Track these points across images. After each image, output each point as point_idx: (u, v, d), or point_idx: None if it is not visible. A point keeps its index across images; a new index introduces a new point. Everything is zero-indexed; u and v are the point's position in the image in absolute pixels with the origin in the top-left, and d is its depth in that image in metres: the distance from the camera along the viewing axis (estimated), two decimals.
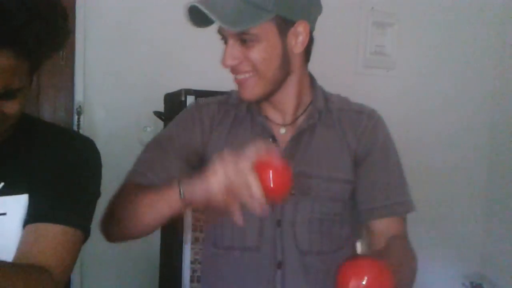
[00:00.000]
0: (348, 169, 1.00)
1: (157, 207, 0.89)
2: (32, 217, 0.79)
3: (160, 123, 1.81)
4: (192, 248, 1.44)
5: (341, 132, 1.02)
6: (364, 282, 0.69)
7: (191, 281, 1.51)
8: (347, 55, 2.16)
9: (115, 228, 0.94)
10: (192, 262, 1.46)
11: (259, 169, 0.78)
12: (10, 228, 0.79)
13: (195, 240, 1.45)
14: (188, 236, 1.45)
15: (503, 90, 2.26)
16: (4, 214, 0.79)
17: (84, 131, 1.85)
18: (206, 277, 1.10)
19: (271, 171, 0.78)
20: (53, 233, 0.77)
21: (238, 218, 0.80)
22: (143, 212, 0.90)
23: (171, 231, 1.55)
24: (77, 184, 0.83)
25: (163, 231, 1.72)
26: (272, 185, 0.78)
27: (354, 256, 0.74)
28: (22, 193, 0.80)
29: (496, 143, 2.29)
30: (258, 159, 0.79)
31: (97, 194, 0.88)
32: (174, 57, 1.91)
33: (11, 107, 0.75)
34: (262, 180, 0.77)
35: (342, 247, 1.02)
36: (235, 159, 0.78)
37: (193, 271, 1.51)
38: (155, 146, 1.02)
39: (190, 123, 1.03)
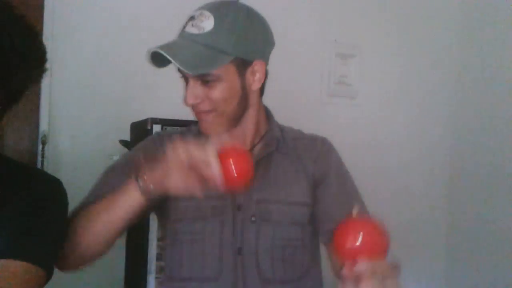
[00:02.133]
0: (306, 193, 1.03)
1: (115, 207, 0.89)
2: None
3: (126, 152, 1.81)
4: (156, 278, 1.43)
5: (296, 158, 1.06)
6: (360, 238, 0.72)
7: None
8: (313, 85, 2.23)
9: (72, 253, 0.91)
10: None
11: (221, 155, 0.81)
12: None
13: (160, 270, 1.44)
14: (152, 266, 1.44)
15: (461, 118, 2.36)
16: None
17: (49, 160, 1.83)
18: None
19: (232, 158, 0.82)
20: (15, 269, 0.75)
21: (198, 192, 0.82)
22: (101, 219, 0.89)
23: (135, 261, 1.53)
24: (42, 223, 0.82)
25: (127, 261, 1.70)
26: (234, 171, 0.81)
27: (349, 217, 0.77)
28: None
29: (456, 167, 2.36)
30: (221, 147, 0.82)
31: (62, 236, 0.87)
32: (140, 86, 1.93)
33: None
34: (224, 165, 0.80)
35: (305, 275, 1.03)
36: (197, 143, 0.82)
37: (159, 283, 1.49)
38: (109, 171, 1.03)
39: (151, 151, 1.04)
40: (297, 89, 2.13)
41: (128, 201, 0.88)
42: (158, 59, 0.93)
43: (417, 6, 2.35)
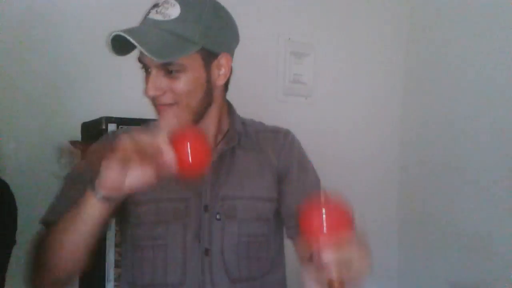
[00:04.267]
0: (271, 187, 1.02)
1: (78, 222, 0.83)
2: None
3: (77, 154, 1.72)
4: (115, 286, 1.36)
5: (260, 152, 1.04)
6: (323, 218, 0.72)
7: None
8: (268, 84, 2.22)
9: (47, 276, 0.87)
10: None
11: (174, 139, 0.77)
12: None
13: (118, 277, 1.37)
14: (110, 273, 1.37)
15: (410, 113, 2.44)
16: None
17: None
18: None
19: (188, 143, 0.78)
20: None
21: (153, 179, 0.77)
22: (68, 238, 0.84)
23: (92, 267, 1.46)
24: None
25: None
26: (189, 155, 0.77)
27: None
28: None
29: (406, 162, 2.44)
30: (173, 132, 0.78)
31: (11, 240, 0.81)
32: (89, 83, 1.83)
33: None
34: (178, 150, 0.76)
35: (271, 271, 1.02)
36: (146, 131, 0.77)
37: None
38: (70, 183, 0.97)
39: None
40: (253, 88, 2.11)
41: (90, 213, 0.81)
42: (118, 45, 0.87)
43: (368, 5, 2.41)
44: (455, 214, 2.14)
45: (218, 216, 0.96)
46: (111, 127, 1.45)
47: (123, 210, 0.97)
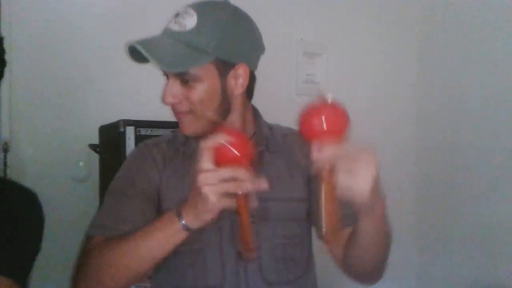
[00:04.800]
0: (301, 188, 1.02)
1: (154, 244, 0.86)
2: None
3: (95, 157, 1.74)
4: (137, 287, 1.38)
5: (288, 155, 1.04)
6: (323, 120, 0.79)
7: None
8: (281, 84, 2.22)
9: (94, 286, 0.89)
10: None
11: (220, 150, 0.80)
12: None
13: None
14: None
15: (425, 114, 2.43)
16: None
17: (12, 169, 1.73)
18: None
19: (227, 145, 0.80)
20: None
21: (253, 204, 0.82)
22: (137, 256, 0.86)
23: None
24: (16, 236, 0.79)
25: None
26: (238, 154, 0.80)
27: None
28: None
29: (422, 156, 2.43)
30: (213, 148, 0.80)
31: (37, 249, 0.84)
32: (107, 87, 1.86)
33: None
34: (228, 156, 0.79)
35: (306, 272, 1.03)
36: (203, 172, 0.79)
37: None
38: (116, 196, 0.99)
39: (144, 163, 1.01)
40: (265, 89, 2.10)
41: (170, 237, 0.85)
42: (138, 54, 0.90)
43: (380, 4, 2.41)
44: (476, 210, 2.12)
45: (251, 219, 0.97)
46: (129, 130, 1.47)
47: (158, 216, 0.99)
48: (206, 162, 0.79)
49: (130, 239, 0.88)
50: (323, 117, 0.80)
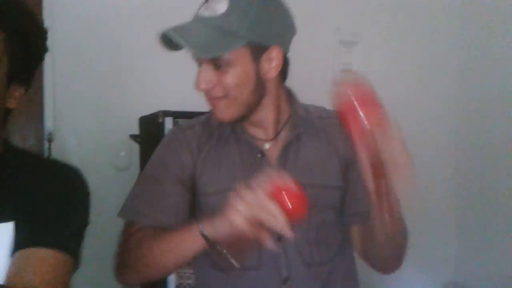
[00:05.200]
0: (338, 176, 1.02)
1: (179, 252, 0.90)
2: (20, 243, 0.76)
3: (135, 147, 1.79)
4: (177, 273, 1.42)
5: (326, 140, 1.04)
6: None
7: None
8: (317, 74, 2.21)
9: (134, 276, 0.96)
10: (177, 287, 1.43)
11: (275, 193, 0.79)
12: None
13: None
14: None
15: (466, 99, 2.36)
16: None
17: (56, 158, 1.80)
18: None
19: (285, 193, 0.79)
20: (43, 257, 0.75)
21: (270, 244, 0.80)
22: (164, 258, 0.91)
23: None
24: (65, 211, 0.82)
25: None
26: (290, 207, 0.79)
27: None
28: (8, 221, 0.77)
29: (462, 151, 2.37)
30: (271, 185, 0.79)
31: (85, 223, 0.86)
32: (147, 78, 1.90)
33: None
34: (280, 204, 0.78)
35: (339, 254, 1.04)
36: (249, 191, 0.79)
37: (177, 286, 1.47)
38: (149, 180, 1.01)
39: (178, 147, 1.02)
40: (301, 79, 2.10)
41: (193, 246, 0.88)
42: (171, 41, 0.91)
43: None
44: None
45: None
46: (168, 120, 1.50)
47: (194, 201, 1.01)
48: (260, 190, 0.79)
49: (163, 241, 0.91)
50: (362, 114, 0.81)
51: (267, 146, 1.02)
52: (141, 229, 0.96)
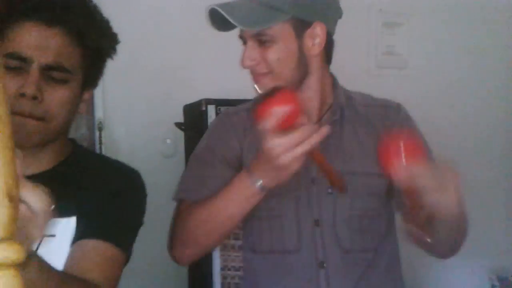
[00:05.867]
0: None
1: (233, 205, 0.92)
2: (80, 236, 0.81)
3: (180, 134, 1.84)
4: (221, 255, 1.46)
5: (370, 127, 1.04)
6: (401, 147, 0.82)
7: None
8: (359, 57, 2.18)
9: (190, 250, 0.99)
10: (222, 269, 1.47)
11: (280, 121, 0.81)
12: (58, 250, 0.81)
13: (224, 247, 1.46)
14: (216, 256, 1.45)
15: None
16: (53, 235, 0.81)
17: (106, 146, 1.88)
18: (247, 282, 1.12)
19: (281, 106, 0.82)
20: (100, 249, 0.80)
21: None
22: (220, 218, 0.93)
23: None
24: (123, 210, 0.87)
25: None
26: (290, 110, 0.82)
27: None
28: (71, 216, 0.83)
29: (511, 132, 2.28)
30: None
31: (140, 222, 0.92)
32: (190, 67, 1.94)
33: (55, 95, 0.79)
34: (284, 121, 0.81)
35: (382, 243, 1.04)
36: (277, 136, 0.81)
37: (223, 277, 1.52)
38: (198, 163, 1.06)
39: (224, 132, 1.06)
40: (343, 62, 2.07)
41: (247, 199, 0.90)
42: (217, 21, 0.94)
43: None
44: None
45: (329, 191, 0.99)
46: (210, 108, 1.54)
47: None
48: (271, 133, 0.81)
49: (212, 203, 0.94)
50: (401, 145, 0.82)
51: None
52: (191, 204, 1.00)
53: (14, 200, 0.36)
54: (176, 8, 1.92)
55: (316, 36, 0.96)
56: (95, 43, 0.84)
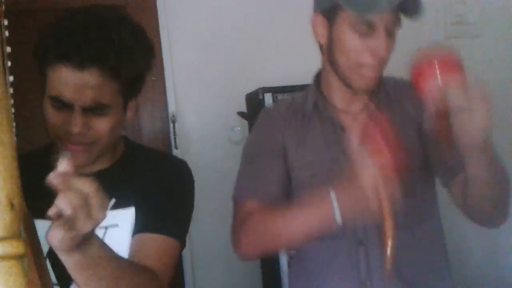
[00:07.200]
0: (415, 140, 1.02)
1: (308, 222, 0.92)
2: (139, 228, 0.89)
3: (245, 122, 1.93)
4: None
5: (400, 108, 1.04)
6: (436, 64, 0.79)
7: (289, 266, 1.61)
8: (427, 27, 2.08)
9: (257, 251, 1.03)
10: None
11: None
12: (121, 238, 0.89)
13: None
14: None
15: None
16: (116, 225, 0.89)
17: (180, 137, 2.03)
18: (294, 261, 1.18)
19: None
20: (157, 242, 0.87)
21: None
22: (291, 233, 0.95)
23: None
24: (175, 200, 0.93)
25: None
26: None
27: None
28: (130, 207, 0.90)
29: None
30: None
31: (191, 209, 0.97)
32: (251, 57, 2.02)
33: (101, 124, 0.84)
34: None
35: (422, 222, 1.04)
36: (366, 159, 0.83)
37: (290, 257, 1.59)
38: (249, 161, 1.10)
39: (268, 127, 1.10)
40: (410, 33, 2.01)
41: (324, 221, 0.90)
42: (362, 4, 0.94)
43: None
44: None
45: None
46: (267, 96, 1.59)
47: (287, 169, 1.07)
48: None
49: (285, 215, 0.95)
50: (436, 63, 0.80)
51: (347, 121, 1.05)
52: (253, 206, 1.02)
53: (15, 206, 0.43)
54: (235, 10, 2.02)
55: None
56: (130, 74, 0.84)
